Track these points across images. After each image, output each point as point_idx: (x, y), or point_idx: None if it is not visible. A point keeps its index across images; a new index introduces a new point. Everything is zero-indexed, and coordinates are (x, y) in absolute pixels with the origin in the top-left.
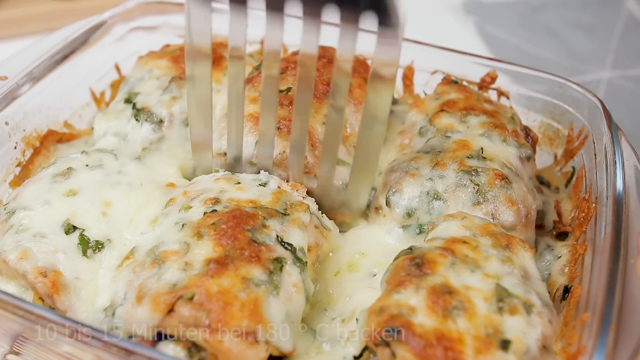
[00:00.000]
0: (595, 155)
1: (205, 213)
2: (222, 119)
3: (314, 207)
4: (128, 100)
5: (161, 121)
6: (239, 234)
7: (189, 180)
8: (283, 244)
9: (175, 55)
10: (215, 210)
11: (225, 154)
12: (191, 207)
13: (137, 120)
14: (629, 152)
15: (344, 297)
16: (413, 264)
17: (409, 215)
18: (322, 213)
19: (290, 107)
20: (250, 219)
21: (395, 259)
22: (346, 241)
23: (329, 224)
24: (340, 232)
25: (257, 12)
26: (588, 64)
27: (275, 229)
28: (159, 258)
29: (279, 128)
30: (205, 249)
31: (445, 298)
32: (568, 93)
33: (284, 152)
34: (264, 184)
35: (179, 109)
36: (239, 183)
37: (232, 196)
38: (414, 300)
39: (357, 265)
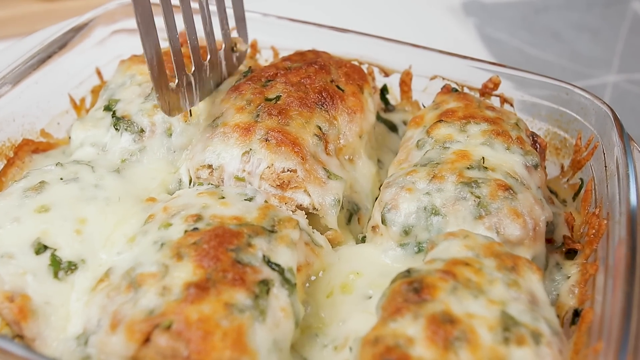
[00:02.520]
0: (605, 167)
1: (186, 231)
2: (207, 129)
3: (303, 222)
4: (108, 108)
5: (142, 131)
6: (221, 254)
7: (171, 195)
8: (270, 264)
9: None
10: (197, 228)
11: (209, 166)
12: (171, 225)
13: (116, 129)
14: None
15: (336, 322)
16: (411, 289)
17: (406, 232)
18: (312, 229)
19: (280, 117)
20: (234, 237)
21: (392, 282)
22: (340, 259)
23: (321, 240)
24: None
25: (249, 15)
26: (593, 67)
27: (262, 248)
28: (135, 281)
29: (266, 140)
30: (185, 272)
31: (446, 328)
32: (575, 100)
33: (272, 165)
34: (250, 199)
35: (160, 118)
36: (223, 198)
37: (215, 212)
38: (412, 330)
39: (351, 286)
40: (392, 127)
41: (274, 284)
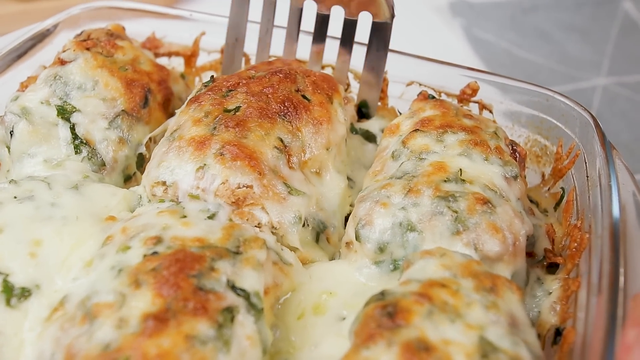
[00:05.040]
0: (587, 177)
1: (145, 255)
2: (164, 143)
3: (271, 240)
4: (62, 113)
5: (103, 165)
6: (182, 281)
7: (133, 212)
8: (235, 289)
9: (129, 78)
10: (157, 252)
11: (163, 182)
12: (130, 248)
13: (76, 152)
14: (625, 176)
15: (308, 346)
16: (385, 314)
17: (382, 250)
18: (282, 246)
19: (237, 129)
20: (195, 262)
21: (365, 305)
22: (312, 278)
23: (290, 257)
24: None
25: (216, 19)
26: (582, 69)
27: (226, 271)
28: (90, 312)
29: (221, 154)
30: (143, 301)
31: (421, 356)
32: (556, 106)
33: (226, 181)
34: (212, 215)
35: (123, 157)
36: (184, 217)
37: (176, 234)
38: (385, 359)
39: (323, 306)
40: (369, 137)
41: (239, 311)
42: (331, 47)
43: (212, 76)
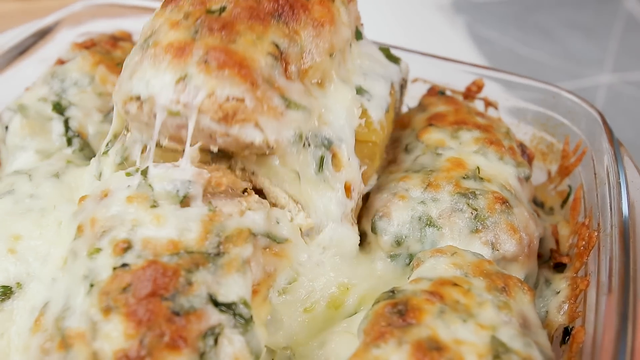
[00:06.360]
0: (595, 174)
1: (114, 268)
2: (137, 51)
3: (259, 219)
4: (57, 108)
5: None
6: (155, 307)
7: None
8: (217, 305)
9: None
10: (127, 265)
11: (137, 98)
12: (100, 251)
13: (69, 144)
14: (633, 173)
15: (313, 342)
16: (395, 312)
17: (399, 243)
18: (277, 220)
19: (223, 33)
20: (169, 279)
21: (375, 303)
22: (323, 271)
23: (287, 230)
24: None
25: None
26: (586, 67)
27: (206, 283)
28: (65, 339)
29: (205, 61)
30: (115, 332)
31: (432, 355)
32: (563, 103)
33: (213, 93)
34: (184, 197)
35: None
36: (155, 207)
37: (147, 235)
38: (395, 358)
39: (334, 300)
40: (391, 58)
41: (223, 328)
42: None
43: None
